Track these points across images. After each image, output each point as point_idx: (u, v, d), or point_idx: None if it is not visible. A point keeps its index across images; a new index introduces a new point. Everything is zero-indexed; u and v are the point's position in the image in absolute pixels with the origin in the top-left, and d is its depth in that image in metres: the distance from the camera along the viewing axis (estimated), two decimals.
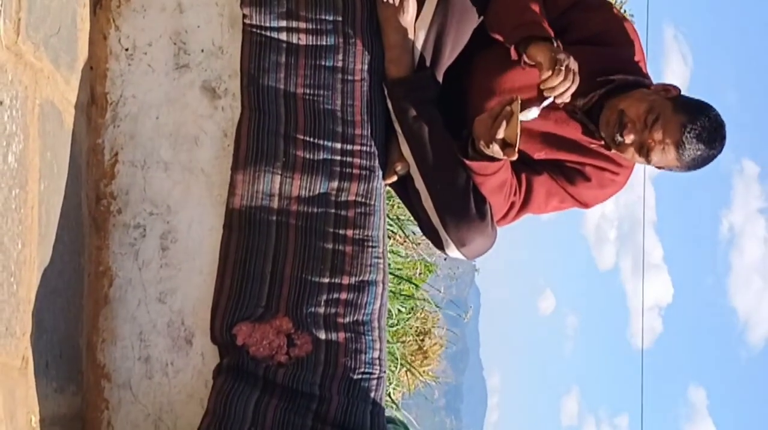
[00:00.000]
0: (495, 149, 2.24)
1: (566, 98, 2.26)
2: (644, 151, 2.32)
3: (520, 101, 2.21)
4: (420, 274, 5.18)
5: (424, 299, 4.99)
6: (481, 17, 2.46)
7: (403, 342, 4.97)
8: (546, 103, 2.30)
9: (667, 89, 2.38)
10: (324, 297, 2.31)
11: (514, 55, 2.37)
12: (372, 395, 2.32)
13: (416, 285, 4.89)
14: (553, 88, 2.22)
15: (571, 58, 2.23)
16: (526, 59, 2.32)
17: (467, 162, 2.36)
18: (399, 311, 4.75)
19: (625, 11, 7.11)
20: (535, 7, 2.38)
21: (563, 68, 2.20)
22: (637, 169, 2.56)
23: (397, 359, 4.61)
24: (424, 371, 5.14)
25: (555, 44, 2.29)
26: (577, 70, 2.23)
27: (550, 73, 2.21)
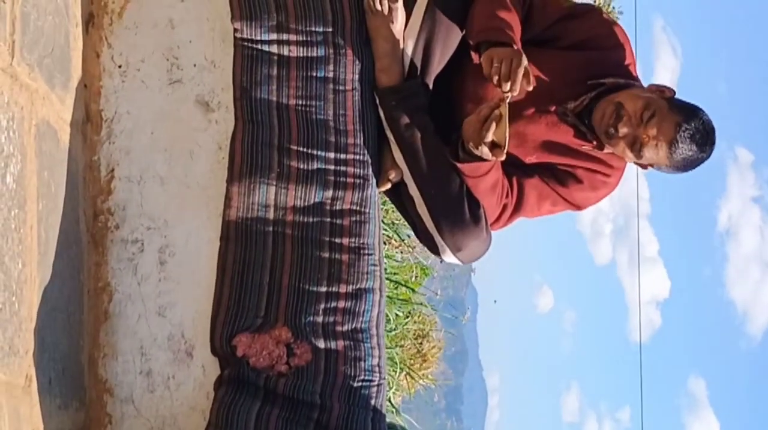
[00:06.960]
0: (484, 151, 2.26)
1: (514, 93, 2.25)
2: (636, 146, 2.36)
3: (507, 103, 2.24)
4: (416, 277, 5.19)
5: (420, 303, 5.00)
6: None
7: (402, 346, 4.98)
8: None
9: (662, 90, 2.42)
10: (322, 306, 2.32)
11: (476, 59, 2.39)
12: (372, 402, 2.33)
13: (413, 289, 4.90)
14: (500, 86, 2.24)
15: (515, 59, 2.24)
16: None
17: (458, 164, 2.38)
18: (396, 315, 4.76)
19: (613, 7, 7.14)
20: (506, 15, 2.39)
21: (500, 65, 2.23)
22: (629, 167, 2.59)
23: (396, 364, 4.62)
24: (423, 374, 5.15)
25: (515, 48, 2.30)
26: (521, 68, 2.23)
27: (492, 76, 2.25)
